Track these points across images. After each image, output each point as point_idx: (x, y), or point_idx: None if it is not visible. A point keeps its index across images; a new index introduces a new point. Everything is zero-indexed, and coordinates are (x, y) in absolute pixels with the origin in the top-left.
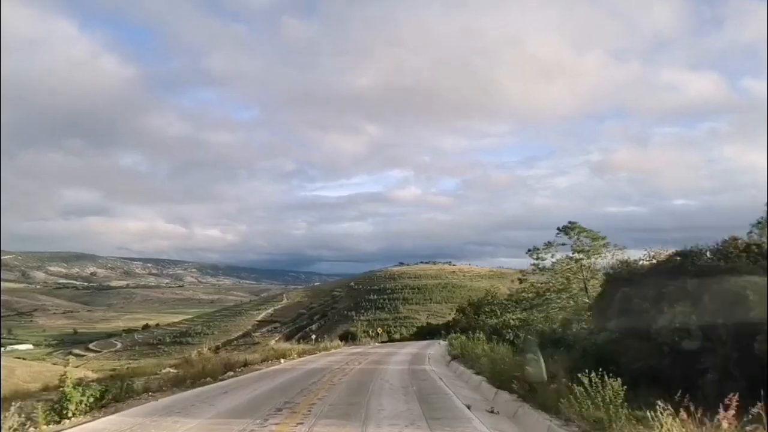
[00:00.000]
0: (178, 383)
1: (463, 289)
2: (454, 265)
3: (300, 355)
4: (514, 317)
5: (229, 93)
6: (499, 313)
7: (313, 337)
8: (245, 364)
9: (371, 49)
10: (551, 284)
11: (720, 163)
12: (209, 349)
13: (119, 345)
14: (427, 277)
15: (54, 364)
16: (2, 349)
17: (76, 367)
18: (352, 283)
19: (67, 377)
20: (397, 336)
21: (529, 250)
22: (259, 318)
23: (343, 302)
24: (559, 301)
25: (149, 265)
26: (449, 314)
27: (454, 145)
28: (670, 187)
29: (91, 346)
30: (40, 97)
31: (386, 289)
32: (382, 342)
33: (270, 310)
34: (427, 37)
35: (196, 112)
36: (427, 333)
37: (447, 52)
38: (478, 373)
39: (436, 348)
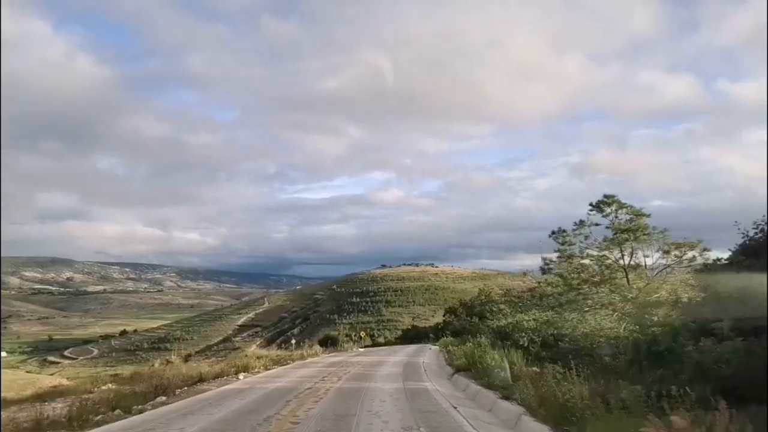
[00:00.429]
0: (74, 419)
1: (446, 291)
2: (436, 267)
3: (267, 366)
4: (527, 318)
5: (209, 94)
6: (509, 313)
7: (293, 342)
8: (199, 380)
9: (352, 49)
10: (583, 276)
11: (696, 164)
12: (179, 357)
13: (96, 351)
14: (410, 279)
15: (28, 372)
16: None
17: (51, 374)
18: (335, 286)
19: None
20: (381, 340)
21: (553, 232)
22: (240, 322)
23: (326, 305)
24: (595, 296)
25: (127, 269)
26: (432, 316)
27: (436, 147)
28: (647, 188)
29: (66, 353)
30: (14, 99)
31: (369, 291)
32: (366, 347)
33: (251, 315)
34: (408, 38)
35: (175, 113)
36: (413, 336)
37: (428, 53)
38: (505, 398)
39: (429, 354)
